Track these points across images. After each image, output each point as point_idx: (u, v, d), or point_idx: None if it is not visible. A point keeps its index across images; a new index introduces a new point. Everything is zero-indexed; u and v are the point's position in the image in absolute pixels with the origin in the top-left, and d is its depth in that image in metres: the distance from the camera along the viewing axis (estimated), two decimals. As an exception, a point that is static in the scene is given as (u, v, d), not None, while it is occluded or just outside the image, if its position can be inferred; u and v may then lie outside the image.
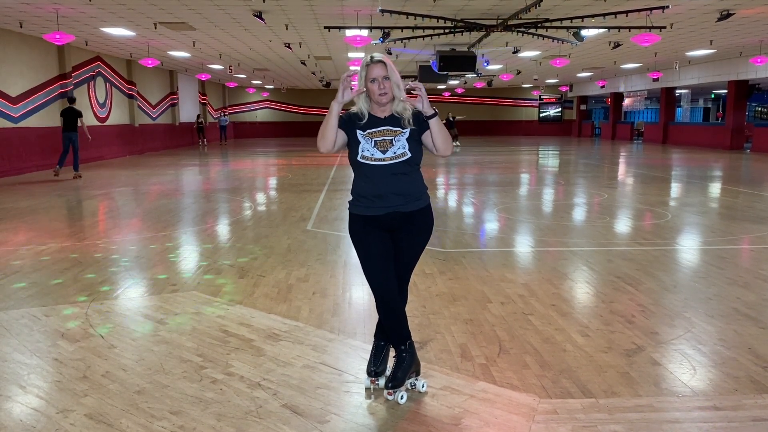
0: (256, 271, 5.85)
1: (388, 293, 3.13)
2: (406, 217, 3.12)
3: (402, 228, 3.15)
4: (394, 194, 3.08)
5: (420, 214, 3.16)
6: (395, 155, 3.06)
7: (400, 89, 3.07)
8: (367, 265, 3.15)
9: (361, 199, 3.13)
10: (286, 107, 41.93)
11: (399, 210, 3.10)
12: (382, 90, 3.04)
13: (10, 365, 3.66)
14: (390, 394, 3.12)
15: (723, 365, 3.63)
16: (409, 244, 3.18)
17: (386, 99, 3.07)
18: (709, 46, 20.05)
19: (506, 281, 5.46)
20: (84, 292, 5.17)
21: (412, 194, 3.12)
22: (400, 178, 3.08)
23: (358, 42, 14.17)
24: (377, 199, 3.08)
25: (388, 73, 3.04)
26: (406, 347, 3.20)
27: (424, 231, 3.21)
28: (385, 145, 3.06)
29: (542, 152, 25.77)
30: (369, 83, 3.06)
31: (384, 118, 3.11)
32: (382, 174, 3.07)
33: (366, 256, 3.15)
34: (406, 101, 3.10)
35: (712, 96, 42.31)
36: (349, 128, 3.11)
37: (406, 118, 3.09)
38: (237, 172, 16.85)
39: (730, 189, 12.51)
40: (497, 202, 10.48)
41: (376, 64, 3.04)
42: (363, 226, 3.14)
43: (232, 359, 3.72)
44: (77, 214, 9.63)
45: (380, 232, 3.14)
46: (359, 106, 3.13)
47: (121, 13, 13.52)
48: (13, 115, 15.60)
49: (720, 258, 6.36)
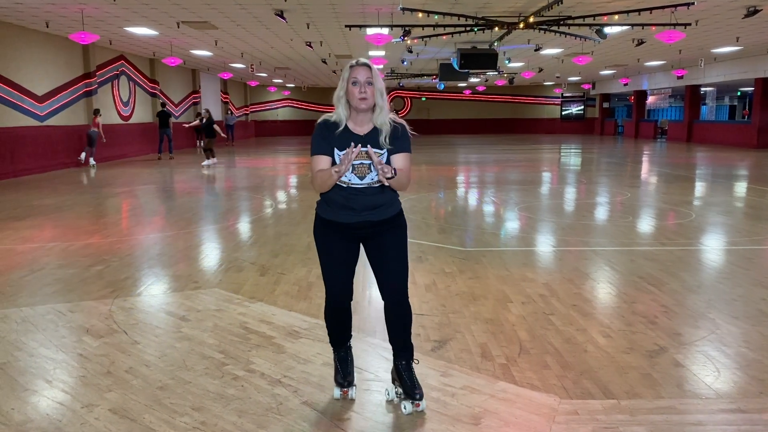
0: (277, 268, 5.89)
1: (343, 301, 3.12)
2: (377, 225, 3.01)
3: (373, 235, 3.03)
4: (366, 210, 2.96)
5: (391, 219, 3.04)
6: (373, 181, 2.91)
7: (383, 98, 2.89)
8: (328, 269, 3.08)
9: (331, 205, 2.99)
10: (307, 105, 42.09)
11: (369, 219, 2.98)
12: (362, 94, 2.84)
13: (37, 360, 3.72)
14: (417, 406, 3.02)
15: (748, 367, 3.57)
16: (391, 240, 3.03)
17: (366, 105, 2.87)
18: (736, 43, 19.72)
19: (527, 281, 5.43)
20: (108, 288, 5.24)
21: (384, 204, 3.00)
22: (374, 197, 2.96)
23: (379, 40, 14.18)
24: (349, 209, 2.96)
25: (373, 78, 2.87)
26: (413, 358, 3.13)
27: (399, 226, 3.07)
28: (363, 170, 2.89)
29: (564, 150, 25.56)
30: (350, 85, 2.87)
31: (363, 136, 2.91)
32: (356, 194, 2.94)
33: (328, 260, 3.06)
34: (390, 113, 2.95)
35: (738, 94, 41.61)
36: (330, 145, 2.92)
37: (384, 134, 2.90)
38: (258, 170, 16.95)
39: (757, 188, 12.30)
40: (518, 201, 10.43)
41: (361, 66, 2.88)
42: (329, 231, 3.03)
43: (253, 356, 3.75)
44: (101, 211, 9.76)
45: (346, 241, 3.04)
46: (338, 111, 2.94)
47: (144, 13, 13.67)
48: (39, 113, 15.86)
49: (745, 258, 6.27)
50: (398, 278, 3.05)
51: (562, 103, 43.28)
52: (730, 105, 46.09)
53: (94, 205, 10.33)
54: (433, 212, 9.21)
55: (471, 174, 15.63)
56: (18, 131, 14.89)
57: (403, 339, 3.11)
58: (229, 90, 34.24)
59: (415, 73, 30.47)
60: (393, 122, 2.96)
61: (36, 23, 14.72)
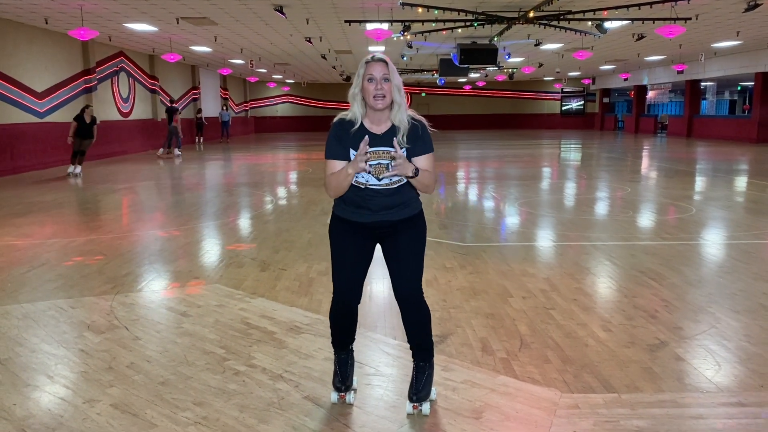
0: (278, 264, 5.89)
1: (350, 302, 2.99)
2: (395, 224, 2.92)
3: (391, 234, 2.94)
4: (384, 209, 2.88)
5: (410, 219, 2.95)
6: (391, 182, 2.82)
7: (401, 95, 2.78)
8: (339, 267, 2.97)
9: (348, 204, 2.91)
10: (307, 101, 42.04)
11: (387, 219, 2.89)
12: (379, 91, 2.72)
13: (39, 356, 3.73)
14: (415, 408, 2.97)
15: (748, 361, 3.58)
16: (406, 239, 2.93)
17: (382, 104, 2.74)
18: (736, 38, 19.69)
19: (527, 275, 5.44)
20: (109, 284, 5.25)
21: (402, 204, 2.91)
22: (392, 197, 2.87)
23: (379, 36, 14.16)
24: (366, 209, 2.89)
25: (389, 74, 2.74)
26: (431, 363, 3.06)
27: (417, 226, 2.98)
28: (380, 170, 2.78)
29: (564, 146, 25.55)
30: (366, 82, 2.75)
31: (381, 135, 2.81)
32: (374, 195, 2.85)
33: (340, 258, 2.96)
34: (408, 110, 2.84)
35: (738, 88, 41.59)
36: (345, 146, 2.83)
37: (402, 132, 2.79)
38: (258, 166, 16.94)
39: (757, 183, 12.30)
40: (518, 196, 10.42)
41: (377, 62, 2.75)
42: (346, 229, 2.94)
43: (255, 351, 3.75)
44: (102, 207, 9.76)
45: (362, 240, 2.94)
46: (353, 109, 2.82)
47: (143, 9, 13.65)
48: (38, 110, 15.85)
49: (746, 253, 6.27)
50: (412, 280, 2.94)
51: (562, 99, 43.24)
52: (730, 100, 46.07)
53: (95, 202, 10.33)
54: (434, 208, 9.21)
55: (471, 169, 15.62)
56: (18, 128, 14.88)
57: (418, 340, 3.02)
58: (229, 86, 34.20)
59: (415, 69, 30.45)
60: (412, 120, 2.84)
61: (35, 20, 14.69)
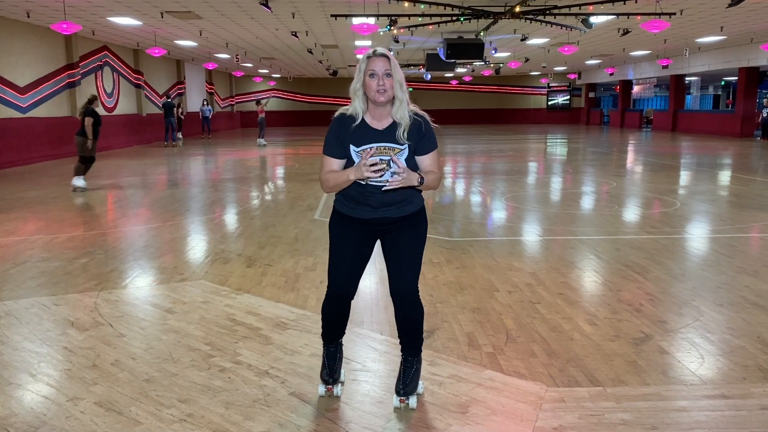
0: (264, 260, 5.87)
1: (344, 295, 2.98)
2: (396, 221, 2.90)
3: (391, 230, 2.92)
4: (384, 206, 2.85)
5: (411, 215, 2.92)
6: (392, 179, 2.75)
7: (403, 90, 2.76)
8: (337, 261, 2.94)
9: (348, 200, 2.89)
10: (293, 96, 41.85)
11: (388, 215, 2.87)
12: (380, 86, 2.71)
13: (21, 354, 3.69)
14: (402, 401, 2.97)
15: (731, 354, 3.61)
16: (407, 239, 2.91)
17: (384, 98, 2.73)
18: (720, 33, 19.84)
19: (513, 270, 5.45)
20: (93, 281, 5.20)
21: (403, 200, 2.87)
22: (393, 195, 2.82)
23: (365, 30, 14.10)
24: (366, 206, 2.86)
25: (391, 69, 2.73)
26: (419, 357, 3.06)
27: (418, 223, 2.95)
28: (380, 166, 2.73)
29: (550, 140, 25.64)
30: (367, 77, 2.73)
31: (382, 131, 2.79)
32: (374, 192, 2.81)
33: (338, 252, 2.94)
34: (410, 105, 2.82)
35: (722, 83, 41.90)
36: (344, 144, 2.81)
37: (404, 128, 2.77)
38: (244, 161, 16.86)
39: (740, 177, 12.42)
40: (504, 191, 10.45)
41: (379, 57, 2.74)
42: (346, 224, 2.92)
43: (240, 348, 3.73)
44: (86, 203, 9.67)
45: (362, 236, 2.92)
46: (354, 105, 2.80)
47: (127, 2, 13.50)
48: (21, 105, 15.65)
49: (729, 246, 6.33)
50: (409, 277, 2.91)
51: (548, 93, 43.38)
52: (714, 95, 46.41)
53: (79, 198, 10.22)
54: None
55: (458, 164, 15.65)
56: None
57: (409, 336, 3.01)
58: (214, 80, 33.98)
59: (401, 64, 30.38)
60: (414, 115, 2.81)
61: (17, 13, 14.49)
